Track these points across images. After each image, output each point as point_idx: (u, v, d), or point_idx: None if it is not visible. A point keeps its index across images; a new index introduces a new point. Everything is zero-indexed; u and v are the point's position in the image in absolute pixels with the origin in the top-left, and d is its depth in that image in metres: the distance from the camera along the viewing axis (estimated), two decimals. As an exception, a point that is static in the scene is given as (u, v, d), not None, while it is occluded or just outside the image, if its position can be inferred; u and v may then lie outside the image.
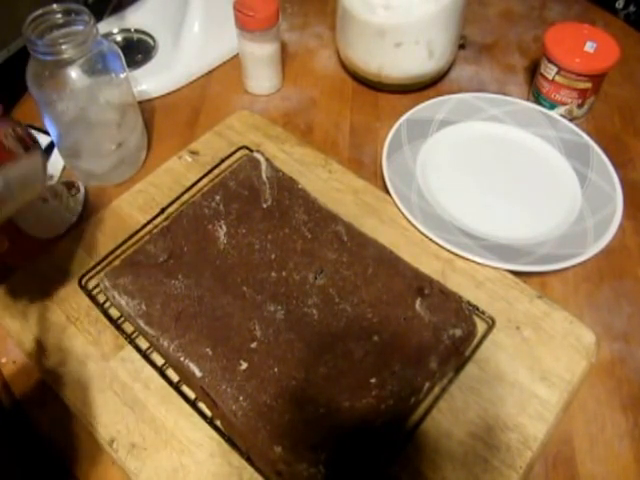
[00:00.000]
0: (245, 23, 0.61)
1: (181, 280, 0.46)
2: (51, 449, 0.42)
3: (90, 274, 0.49)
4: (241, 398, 0.39)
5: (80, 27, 0.50)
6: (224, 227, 0.49)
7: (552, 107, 0.64)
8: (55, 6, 0.50)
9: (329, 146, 0.63)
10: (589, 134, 0.60)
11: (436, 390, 0.42)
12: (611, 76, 0.64)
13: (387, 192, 0.55)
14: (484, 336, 0.45)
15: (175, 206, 0.53)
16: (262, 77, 0.68)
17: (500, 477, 0.39)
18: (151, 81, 0.68)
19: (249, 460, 0.39)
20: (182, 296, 0.45)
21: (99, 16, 0.73)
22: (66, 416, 0.43)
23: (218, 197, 0.51)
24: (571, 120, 0.63)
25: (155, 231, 0.50)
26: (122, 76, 0.55)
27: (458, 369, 0.43)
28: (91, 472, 0.41)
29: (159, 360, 0.44)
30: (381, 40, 0.63)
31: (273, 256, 0.47)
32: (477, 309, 0.46)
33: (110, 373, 0.44)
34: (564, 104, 0.63)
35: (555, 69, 0.61)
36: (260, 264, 0.47)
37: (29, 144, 0.41)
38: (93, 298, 0.47)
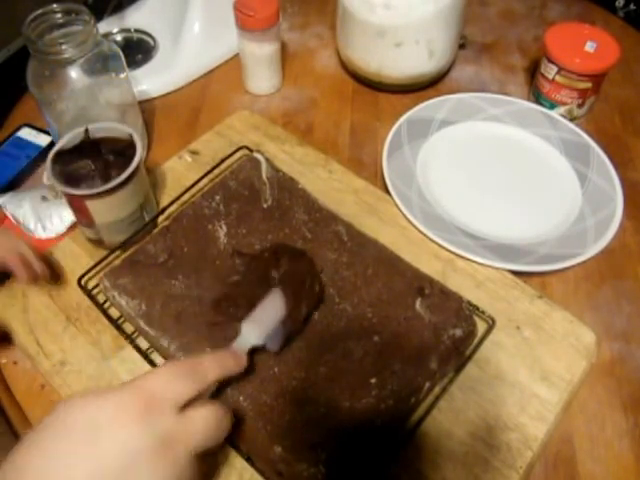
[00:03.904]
0: (245, 23, 0.61)
1: (181, 280, 0.46)
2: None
3: (90, 274, 0.48)
4: (241, 398, 0.39)
5: (80, 27, 0.50)
6: (224, 227, 0.49)
7: (552, 107, 0.64)
8: (55, 6, 0.50)
9: (329, 146, 0.63)
10: (589, 134, 0.60)
11: (436, 390, 0.42)
12: (611, 76, 0.64)
13: (387, 192, 0.55)
14: (484, 336, 0.44)
15: (175, 206, 0.53)
16: (262, 77, 0.68)
17: (500, 477, 0.39)
18: (151, 81, 0.68)
19: (249, 460, 0.39)
20: (182, 296, 0.45)
21: (99, 16, 0.73)
22: (66, 416, 0.43)
23: (218, 197, 0.51)
24: (571, 120, 0.63)
25: (155, 231, 0.50)
26: (122, 76, 0.55)
27: (458, 369, 0.43)
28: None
29: (159, 360, 0.44)
30: (381, 40, 0.63)
31: (273, 256, 0.47)
32: (477, 309, 0.46)
33: (110, 373, 0.44)
34: (564, 104, 0.63)
35: (555, 69, 0.61)
36: (260, 264, 0.47)
37: None
38: (93, 298, 0.47)
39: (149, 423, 0.29)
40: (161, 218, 0.53)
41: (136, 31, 0.75)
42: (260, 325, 0.39)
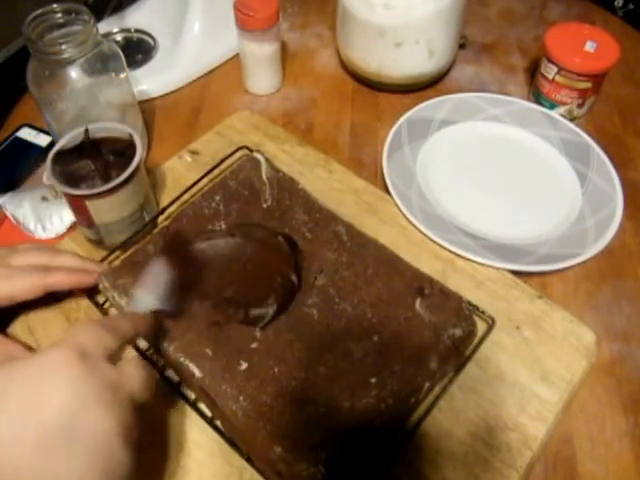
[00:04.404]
0: (245, 23, 0.61)
1: (181, 280, 0.46)
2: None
3: (90, 274, 0.48)
4: (241, 398, 0.39)
5: (80, 27, 0.50)
6: (224, 227, 0.49)
7: (552, 107, 0.64)
8: (55, 6, 0.50)
9: (329, 146, 0.63)
10: (589, 134, 0.60)
11: (436, 390, 0.42)
12: (611, 76, 0.64)
13: (387, 192, 0.55)
14: (484, 336, 0.44)
15: (175, 206, 0.53)
16: (262, 77, 0.68)
17: (500, 477, 0.39)
18: (151, 81, 0.68)
19: (249, 460, 0.39)
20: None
21: (99, 16, 0.73)
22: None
23: (218, 197, 0.51)
24: (571, 120, 0.63)
25: (155, 231, 0.50)
26: (122, 76, 0.55)
27: (458, 369, 0.43)
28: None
29: (159, 361, 0.44)
30: (381, 40, 0.63)
31: (273, 256, 0.47)
32: (477, 309, 0.46)
33: (110, 373, 0.44)
34: (564, 104, 0.63)
35: (555, 69, 0.61)
36: (260, 264, 0.47)
37: None
38: (93, 298, 0.47)
39: (88, 370, 0.29)
40: (161, 218, 0.53)
41: (136, 31, 0.75)
42: (148, 290, 0.41)
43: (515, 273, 0.49)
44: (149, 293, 0.41)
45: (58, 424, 0.27)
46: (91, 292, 0.47)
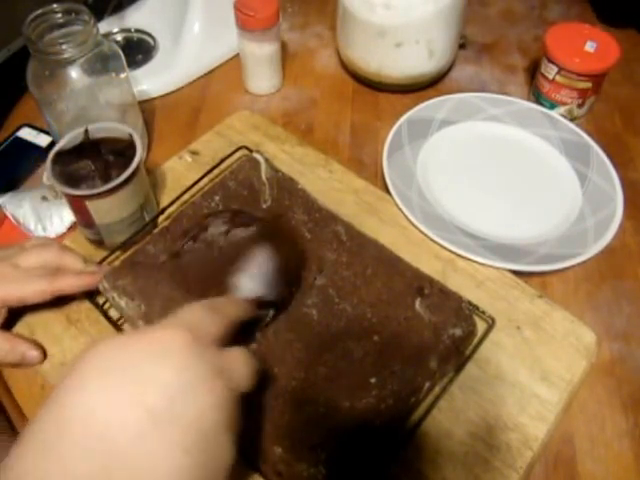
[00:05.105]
0: (245, 23, 0.61)
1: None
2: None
3: (90, 274, 0.48)
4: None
5: (80, 27, 0.50)
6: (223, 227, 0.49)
7: (552, 107, 0.64)
8: (55, 6, 0.50)
9: (329, 146, 0.63)
10: (589, 134, 0.60)
11: (436, 390, 0.42)
12: (611, 76, 0.64)
13: (388, 192, 0.55)
14: (484, 336, 0.44)
15: (175, 206, 0.53)
16: (262, 77, 0.68)
17: (500, 477, 0.39)
18: (151, 81, 0.68)
19: (249, 460, 0.39)
20: (182, 297, 0.44)
21: (99, 16, 0.73)
22: (66, 416, 0.43)
23: (218, 197, 0.51)
24: (571, 120, 0.63)
25: (155, 231, 0.50)
26: (122, 76, 0.55)
27: (458, 369, 0.43)
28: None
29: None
30: (381, 40, 0.63)
31: (273, 256, 0.47)
32: (477, 309, 0.46)
33: (110, 373, 0.44)
34: (564, 104, 0.63)
35: (555, 69, 0.61)
36: (260, 264, 0.47)
37: None
38: (93, 299, 0.47)
39: (198, 355, 0.28)
40: (161, 218, 0.53)
41: (136, 31, 0.75)
42: (255, 277, 0.42)
43: (515, 273, 0.49)
44: (252, 280, 0.41)
45: (162, 409, 0.26)
46: (91, 293, 0.47)
